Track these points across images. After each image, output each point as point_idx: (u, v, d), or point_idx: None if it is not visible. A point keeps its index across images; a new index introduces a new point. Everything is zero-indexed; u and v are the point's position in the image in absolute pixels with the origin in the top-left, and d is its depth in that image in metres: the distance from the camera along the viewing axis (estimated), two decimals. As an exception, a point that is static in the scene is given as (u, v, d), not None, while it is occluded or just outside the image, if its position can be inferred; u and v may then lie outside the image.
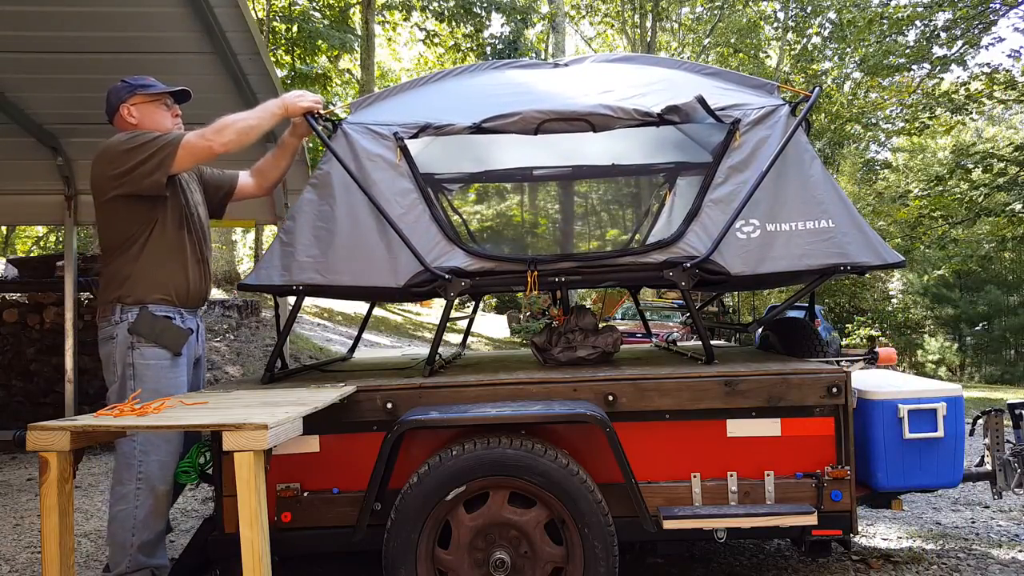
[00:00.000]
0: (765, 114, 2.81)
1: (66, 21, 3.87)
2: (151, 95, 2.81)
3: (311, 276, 2.75)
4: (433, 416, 2.38)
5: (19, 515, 4.19)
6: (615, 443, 2.36)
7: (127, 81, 2.81)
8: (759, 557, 3.29)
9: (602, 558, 2.31)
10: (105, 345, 2.68)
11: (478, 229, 3.82)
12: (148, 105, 2.80)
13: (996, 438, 2.93)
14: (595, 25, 23.95)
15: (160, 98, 2.83)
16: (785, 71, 21.17)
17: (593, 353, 3.03)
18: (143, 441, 2.58)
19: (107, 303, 2.68)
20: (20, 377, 6.47)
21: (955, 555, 3.28)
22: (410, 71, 23.89)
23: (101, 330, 2.70)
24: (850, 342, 18.11)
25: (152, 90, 2.81)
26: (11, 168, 5.48)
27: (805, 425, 2.52)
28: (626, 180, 3.84)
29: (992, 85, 13.23)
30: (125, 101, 2.78)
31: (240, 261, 19.35)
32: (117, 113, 2.79)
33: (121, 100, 2.78)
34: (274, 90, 4.41)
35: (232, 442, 1.81)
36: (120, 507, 2.57)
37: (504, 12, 15.78)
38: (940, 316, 23.74)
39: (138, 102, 2.78)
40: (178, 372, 2.72)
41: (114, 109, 2.80)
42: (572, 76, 3.22)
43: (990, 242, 18.06)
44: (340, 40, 14.52)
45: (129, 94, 2.78)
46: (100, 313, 2.71)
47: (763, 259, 2.71)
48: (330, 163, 2.82)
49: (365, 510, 2.41)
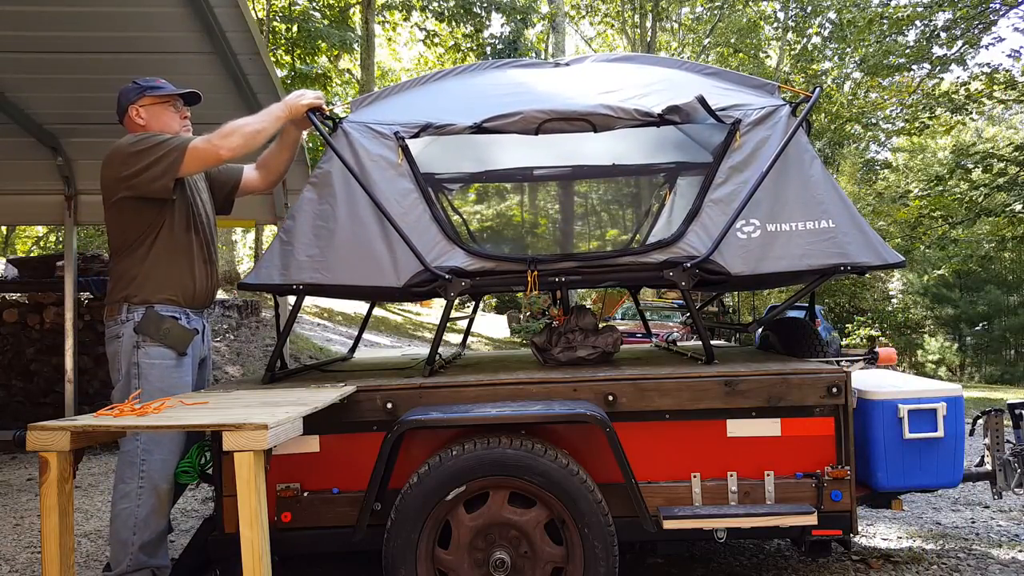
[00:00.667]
0: (766, 114, 2.81)
1: (66, 21, 3.88)
2: (160, 97, 2.82)
3: (311, 275, 2.75)
4: (433, 416, 2.38)
5: (19, 515, 4.19)
6: (615, 443, 2.36)
7: (137, 82, 2.82)
8: (759, 557, 3.29)
9: (602, 558, 2.31)
10: (111, 344, 2.70)
11: (478, 229, 3.82)
12: (157, 107, 2.81)
13: (996, 438, 2.93)
14: (595, 25, 23.96)
15: (169, 100, 2.84)
16: (785, 71, 21.17)
17: (593, 353, 3.03)
18: (146, 440, 2.59)
19: (114, 303, 2.70)
20: (20, 377, 6.47)
21: (955, 555, 3.28)
22: (410, 71, 23.88)
23: (108, 329, 2.72)
24: (850, 342, 18.11)
25: (161, 92, 2.82)
26: (11, 168, 5.48)
27: (805, 425, 2.52)
28: (626, 180, 3.83)
29: (992, 85, 13.22)
30: (134, 102, 2.78)
31: (240, 261, 19.37)
32: (126, 114, 2.80)
33: (130, 101, 2.79)
34: (274, 90, 4.42)
35: (232, 442, 1.81)
36: (123, 505, 2.58)
37: (504, 12, 15.77)
38: (940, 316, 23.75)
39: (147, 103, 2.79)
40: (183, 372, 2.73)
41: (123, 110, 2.80)
42: (572, 76, 3.22)
43: (990, 242, 18.05)
44: (340, 39, 14.50)
45: (138, 95, 2.79)
46: (107, 313, 2.73)
47: (763, 259, 2.71)
48: (330, 162, 2.82)
49: (365, 510, 2.41)
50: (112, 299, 2.72)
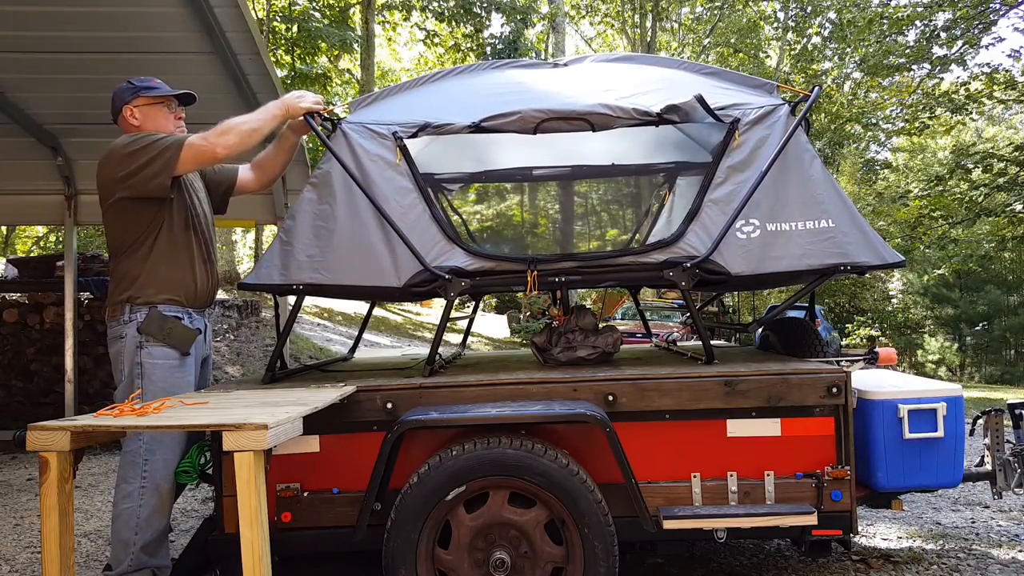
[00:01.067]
0: (765, 114, 2.81)
1: (66, 21, 3.88)
2: (154, 97, 2.81)
3: (311, 275, 2.75)
4: (433, 416, 2.38)
5: (19, 515, 4.19)
6: (615, 443, 2.36)
7: (132, 83, 2.81)
8: (759, 557, 3.29)
9: (602, 558, 2.31)
10: (114, 344, 2.71)
11: (478, 229, 3.82)
12: (151, 107, 2.80)
13: (996, 438, 2.93)
14: (595, 25, 23.96)
15: (164, 101, 2.83)
16: (785, 71, 21.17)
17: (593, 353, 3.03)
18: (149, 440, 2.59)
19: (116, 303, 2.70)
20: (20, 377, 6.47)
21: (955, 555, 3.28)
22: (410, 71, 23.88)
23: (111, 329, 2.73)
24: (850, 342, 18.10)
25: (156, 92, 2.81)
26: (11, 168, 5.48)
27: (805, 425, 2.52)
28: (626, 180, 3.83)
29: (992, 85, 13.23)
30: (128, 102, 2.78)
31: (240, 261, 19.38)
32: (120, 114, 2.80)
33: (125, 101, 2.78)
34: (274, 90, 4.42)
35: (232, 442, 1.81)
36: (125, 505, 2.58)
37: (504, 12, 15.77)
38: (940, 316, 23.74)
39: (141, 104, 2.79)
40: (186, 372, 2.74)
41: (117, 110, 2.80)
42: (572, 76, 3.22)
43: (990, 242, 18.05)
44: (340, 38, 14.50)
45: (133, 95, 2.78)
46: (109, 313, 2.73)
47: (763, 259, 2.71)
48: (330, 163, 2.82)
49: (365, 510, 2.41)
50: (114, 300, 2.72)
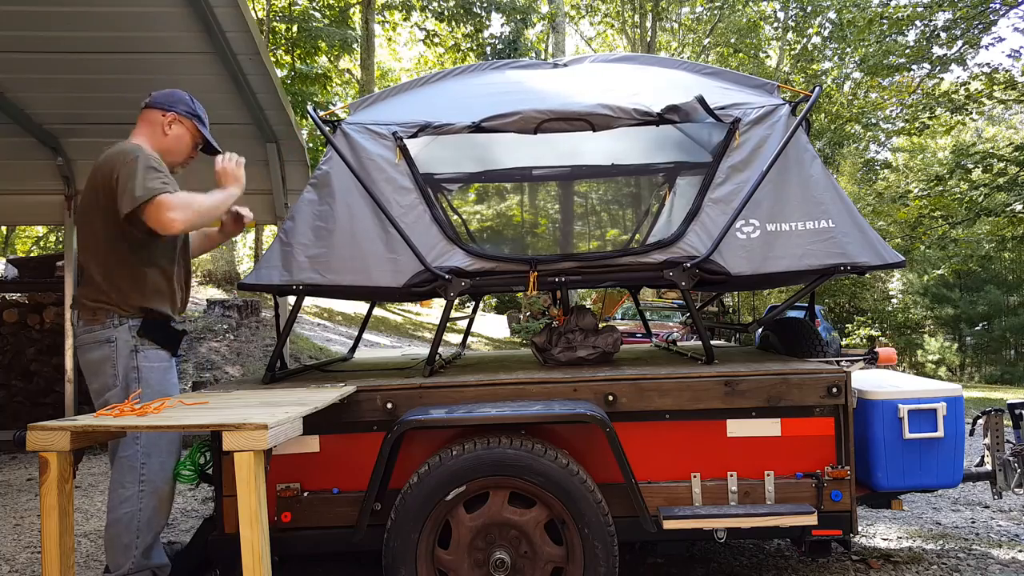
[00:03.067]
0: (765, 114, 2.81)
1: (66, 21, 3.87)
2: (196, 130, 2.85)
3: (311, 276, 2.75)
4: (433, 416, 2.38)
5: (19, 515, 4.19)
6: (615, 443, 2.36)
7: (193, 103, 2.85)
8: (759, 557, 3.29)
9: (602, 558, 2.31)
10: (97, 349, 2.63)
11: (478, 229, 3.82)
12: (187, 134, 2.83)
13: (996, 438, 2.93)
14: (595, 25, 23.96)
15: (198, 136, 2.87)
16: (785, 71, 21.16)
17: (593, 353, 3.03)
18: (146, 443, 2.58)
19: (100, 308, 2.63)
20: (20, 377, 6.47)
21: (955, 555, 3.28)
22: (410, 71, 23.89)
23: (89, 334, 2.65)
24: (850, 342, 18.12)
25: (202, 130, 2.86)
26: (11, 168, 5.48)
27: (805, 425, 2.52)
28: (626, 180, 3.83)
29: (992, 85, 13.22)
30: (177, 112, 2.79)
31: (240, 261, 19.35)
32: (157, 110, 2.77)
33: (174, 109, 2.78)
34: (274, 90, 4.42)
35: (232, 442, 1.81)
36: (125, 509, 2.56)
37: (504, 12, 15.78)
38: (940, 316, 23.75)
39: (185, 124, 2.81)
40: (174, 373, 2.77)
41: (159, 106, 2.78)
42: (572, 76, 3.22)
43: (990, 242, 18.05)
44: (340, 38, 14.51)
45: (186, 112, 2.81)
46: (88, 318, 2.65)
47: (763, 259, 2.71)
48: (330, 163, 2.82)
49: (365, 510, 2.41)
50: (96, 304, 2.64)
